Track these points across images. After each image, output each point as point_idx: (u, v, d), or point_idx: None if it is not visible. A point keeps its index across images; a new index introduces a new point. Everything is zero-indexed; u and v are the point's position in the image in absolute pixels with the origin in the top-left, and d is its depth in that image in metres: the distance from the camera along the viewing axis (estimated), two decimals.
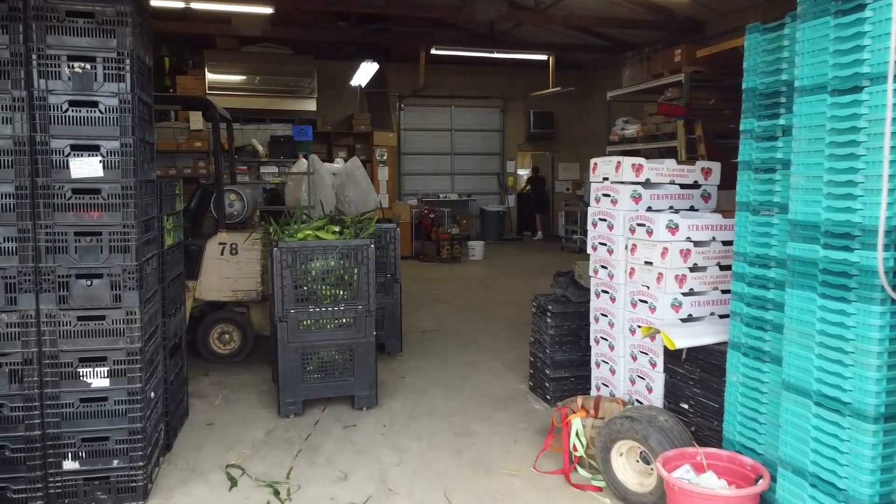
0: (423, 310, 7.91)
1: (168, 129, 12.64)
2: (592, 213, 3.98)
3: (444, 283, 9.96)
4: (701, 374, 3.23)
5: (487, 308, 8.00)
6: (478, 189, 16.72)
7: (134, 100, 3.08)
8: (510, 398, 4.77)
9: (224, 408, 4.59)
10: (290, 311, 4.28)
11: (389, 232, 5.76)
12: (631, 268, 3.65)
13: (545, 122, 16.69)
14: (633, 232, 3.60)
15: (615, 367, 3.86)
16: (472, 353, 5.97)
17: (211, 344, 5.64)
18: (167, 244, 3.81)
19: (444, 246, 12.13)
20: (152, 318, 3.43)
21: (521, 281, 10.01)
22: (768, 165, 2.76)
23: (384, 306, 5.82)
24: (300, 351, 4.33)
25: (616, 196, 3.73)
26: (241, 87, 13.23)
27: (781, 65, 2.69)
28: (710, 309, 3.54)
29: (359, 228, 4.74)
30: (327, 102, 15.18)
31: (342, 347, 4.41)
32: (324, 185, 9.72)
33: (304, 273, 4.30)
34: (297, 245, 4.27)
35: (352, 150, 14.96)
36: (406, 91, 15.41)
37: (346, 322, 4.40)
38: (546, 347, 4.56)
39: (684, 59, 11.33)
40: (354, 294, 4.38)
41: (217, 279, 5.52)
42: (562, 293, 4.73)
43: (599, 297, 3.99)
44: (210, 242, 5.49)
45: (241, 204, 5.62)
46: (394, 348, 5.90)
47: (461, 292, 9.10)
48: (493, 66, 16.14)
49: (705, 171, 3.87)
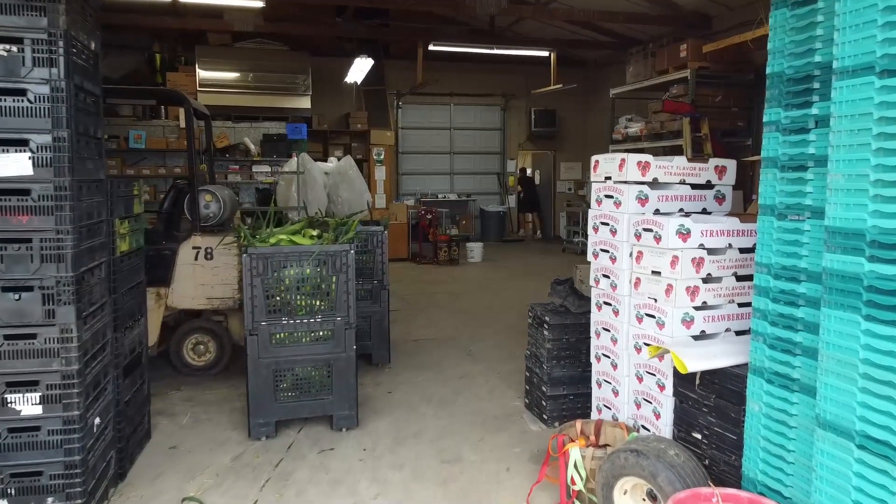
0: (418, 315, 7.52)
1: (158, 128, 12.28)
2: (593, 216, 3.59)
3: (441, 286, 9.58)
4: (716, 401, 2.84)
5: (485, 314, 7.61)
6: (478, 189, 16.33)
7: (69, 87, 2.70)
8: (505, 417, 4.38)
9: (192, 428, 4.21)
10: (262, 323, 3.90)
11: (376, 235, 5.37)
12: (636, 278, 3.26)
13: (547, 121, 16.28)
14: (638, 238, 3.21)
15: (618, 387, 3.47)
16: (466, 365, 5.58)
17: (185, 355, 5.26)
18: (120, 251, 3.43)
19: (442, 248, 11.75)
20: (97, 335, 3.05)
21: (521, 284, 9.61)
22: (798, 162, 2.36)
23: (371, 315, 5.44)
24: (273, 367, 3.94)
25: (620, 197, 3.34)
26: (233, 84, 12.87)
27: (814, 44, 2.30)
28: (725, 325, 3.14)
29: (339, 232, 4.36)
30: (323, 100, 14.82)
31: (319, 363, 4.02)
32: (315, 185, 9.35)
33: (276, 282, 3.91)
34: (268, 251, 3.89)
35: (348, 148, 14.61)
36: (404, 89, 15.03)
37: (324, 335, 4.02)
38: (543, 362, 4.17)
39: (690, 55, 10.93)
40: (332, 305, 4.00)
41: (191, 286, 5.14)
42: (560, 303, 4.34)
43: (601, 310, 3.60)
44: (183, 246, 5.12)
45: (218, 205, 5.24)
46: (382, 359, 5.51)
47: (458, 296, 8.71)
48: (494, 63, 15.75)
49: (719, 170, 3.47)
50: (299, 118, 13.35)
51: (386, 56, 15.23)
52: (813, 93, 2.31)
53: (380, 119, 14.78)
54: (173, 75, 12.57)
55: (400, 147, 15.58)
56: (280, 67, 13.12)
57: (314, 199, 9.34)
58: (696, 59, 10.85)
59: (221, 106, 12.74)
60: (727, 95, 11.25)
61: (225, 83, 12.78)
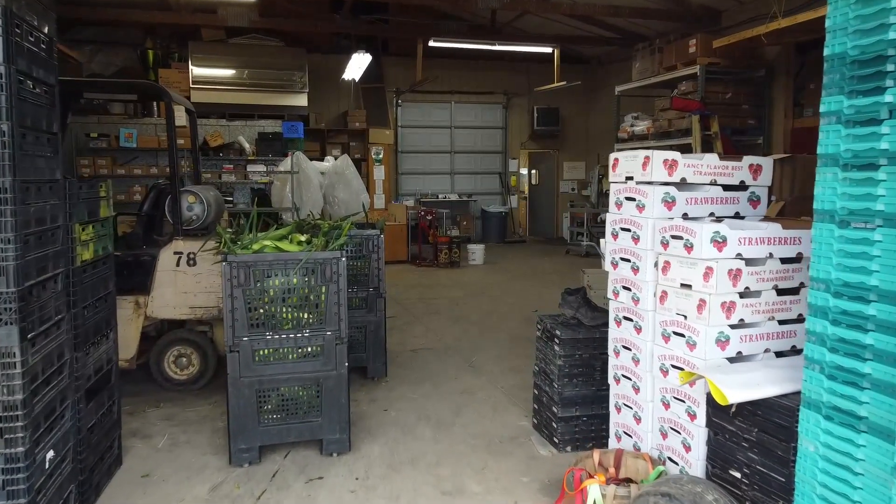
0: (416, 322, 7.15)
1: (150, 126, 11.92)
2: (612, 220, 3.21)
3: (441, 290, 9.20)
4: (759, 435, 2.47)
5: (488, 321, 7.24)
6: (479, 189, 15.96)
7: (9, 74, 2.33)
8: (511, 439, 4.00)
9: (168, 452, 3.84)
10: (243, 338, 3.53)
11: (371, 239, 4.99)
12: (662, 291, 2.89)
13: (550, 119, 15.91)
14: (665, 246, 2.83)
15: (641, 413, 3.10)
16: (468, 378, 5.21)
17: (166, 369, 4.89)
18: (82, 259, 3.06)
19: (442, 250, 11.38)
20: (50, 357, 2.68)
21: (524, 289, 9.24)
22: (866, 160, 1.99)
23: (366, 325, 5.07)
24: (256, 387, 3.57)
25: (643, 200, 2.96)
26: (228, 81, 12.50)
27: (887, 18, 1.92)
28: (763, 345, 2.77)
29: (330, 236, 3.98)
30: (321, 98, 14.47)
31: (307, 382, 3.65)
32: (310, 185, 8.98)
33: (260, 293, 3.54)
34: (251, 259, 3.51)
35: (346, 147, 14.26)
36: (404, 86, 14.67)
37: (312, 351, 3.64)
38: (553, 381, 3.80)
39: (700, 51, 10.55)
40: (322, 318, 3.62)
41: (172, 294, 4.77)
42: (572, 315, 3.96)
43: (621, 326, 3.23)
44: (164, 252, 4.75)
45: (202, 207, 4.87)
46: (378, 373, 5.14)
47: (459, 302, 8.34)
48: (495, 61, 15.39)
49: (754, 170, 3.10)
50: (296, 116, 12.99)
51: (385, 53, 14.87)
52: (886, 76, 1.93)
53: (379, 117, 14.42)
54: (165, 72, 12.20)
55: (399, 146, 15.22)
56: (276, 64, 12.75)
57: (309, 200, 8.98)
58: (705, 55, 10.47)
59: (215, 104, 12.39)
60: (737, 92, 10.89)
61: (219, 80, 12.41)
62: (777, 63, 10.83)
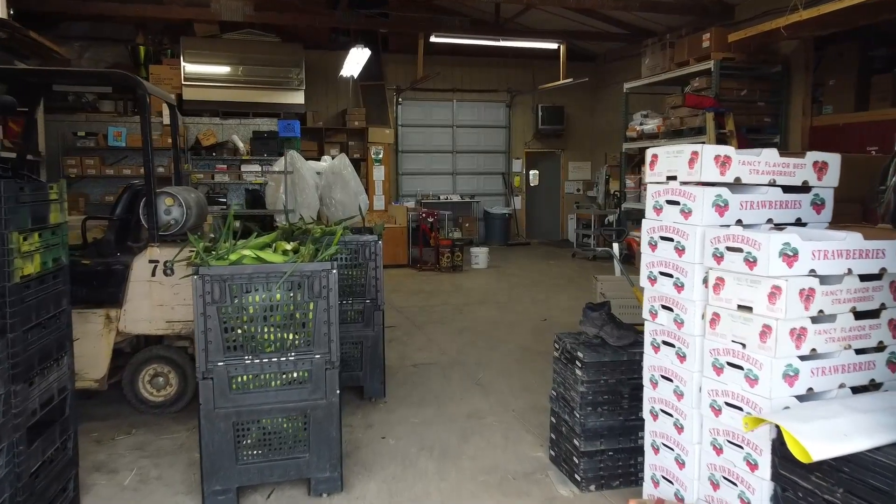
0: (418, 333, 6.67)
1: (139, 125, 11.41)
2: (650, 228, 2.73)
3: (443, 297, 8.73)
4: (847, 498, 1.99)
5: (494, 331, 6.76)
6: (481, 190, 15.49)
7: None
8: (525, 476, 3.53)
9: (135, 491, 3.36)
10: (218, 363, 3.05)
11: (368, 246, 4.51)
12: (714, 313, 2.41)
13: (555, 118, 15.44)
14: (719, 259, 2.35)
15: (684, 457, 2.62)
16: (475, 398, 4.73)
17: (140, 389, 4.42)
18: (23, 274, 2.59)
19: (444, 253, 10.90)
20: None
21: (530, 295, 8.77)
22: None
23: (363, 340, 4.60)
24: (233, 419, 3.10)
25: (690, 204, 2.49)
26: (221, 78, 12.04)
27: None
28: (838, 379, 2.30)
29: (321, 244, 3.51)
30: (318, 96, 14.02)
31: (293, 413, 3.18)
32: (305, 186, 8.50)
33: (238, 310, 3.07)
34: (227, 271, 3.04)
35: (345, 147, 13.80)
36: (404, 84, 14.20)
37: (299, 377, 3.17)
38: (574, 409, 3.32)
39: (714, 45, 10.06)
40: (310, 338, 3.15)
41: (147, 307, 4.30)
42: (595, 333, 3.49)
43: (659, 352, 2.75)
44: (138, 260, 4.28)
45: (181, 210, 4.40)
46: (375, 393, 4.67)
47: (463, 309, 7.86)
48: (499, 57, 14.93)
49: (819, 168, 2.62)
50: (292, 114, 12.51)
51: (385, 50, 14.41)
52: None
53: (378, 116, 13.97)
54: (157, 68, 11.74)
55: (399, 146, 14.76)
56: (271, 60, 12.29)
57: (304, 202, 8.51)
58: (720, 50, 10.00)
59: (209, 101, 11.92)
60: (752, 89, 10.42)
61: (212, 77, 11.95)
62: (794, 58, 10.36)
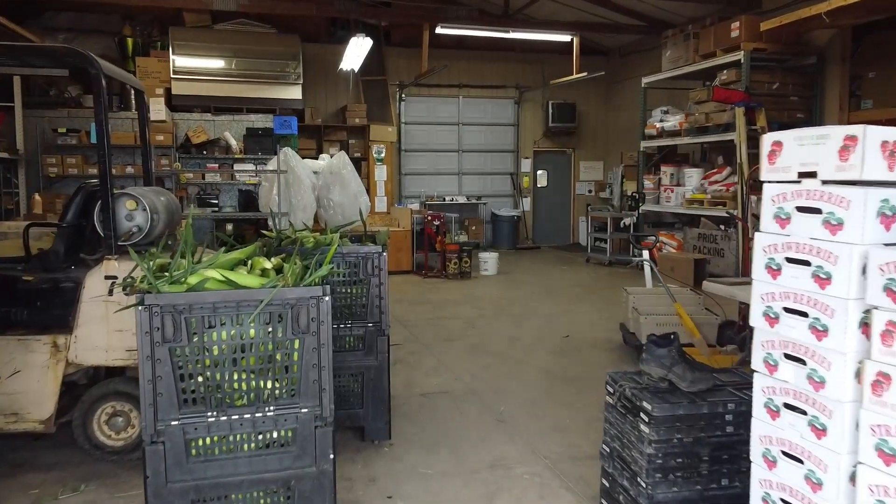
0: (426, 353, 5.91)
1: (126, 120, 10.70)
2: (767, 245, 1.97)
3: (452, 308, 7.97)
4: None
5: (512, 351, 6.00)
6: (489, 191, 14.73)
7: None
8: None
9: None
10: (172, 423, 2.30)
11: (371, 259, 3.74)
12: (880, 373, 1.65)
13: (566, 115, 14.67)
14: (894, 296, 1.59)
15: None
16: (498, 440, 3.97)
17: (96, 431, 3.65)
18: None
19: (451, 259, 10.13)
20: None
21: (547, 307, 8.00)
22: None
23: (363, 371, 3.83)
24: (191, 496, 2.34)
25: (841, 212, 1.72)
26: (213, 71, 11.30)
27: None
28: None
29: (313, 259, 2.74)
30: (317, 92, 13.28)
31: (272, 486, 2.41)
32: (301, 187, 7.74)
33: (198, 352, 2.31)
34: (183, 300, 2.28)
35: (345, 146, 13.06)
36: (408, 79, 13.45)
37: (280, 438, 2.41)
38: (639, 475, 2.56)
39: (744, 35, 9.29)
40: (294, 387, 2.39)
41: (103, 332, 3.55)
42: (662, 375, 2.72)
43: (779, 418, 1.98)
44: (91, 276, 3.52)
45: (144, 215, 3.64)
46: (378, 434, 3.90)
47: (474, 323, 7.10)
48: (507, 52, 14.19)
49: None
50: (289, 111, 11.78)
51: (387, 43, 13.67)
52: None
53: (380, 113, 13.21)
54: (144, 61, 11.00)
55: (403, 144, 14.00)
56: (267, 53, 11.55)
57: (300, 204, 7.75)
58: (750, 40, 9.23)
59: (199, 96, 11.17)
60: (785, 82, 9.64)
61: (203, 70, 11.20)
62: (829, 49, 9.58)
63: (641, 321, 5.38)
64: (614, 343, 6.17)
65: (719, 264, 9.76)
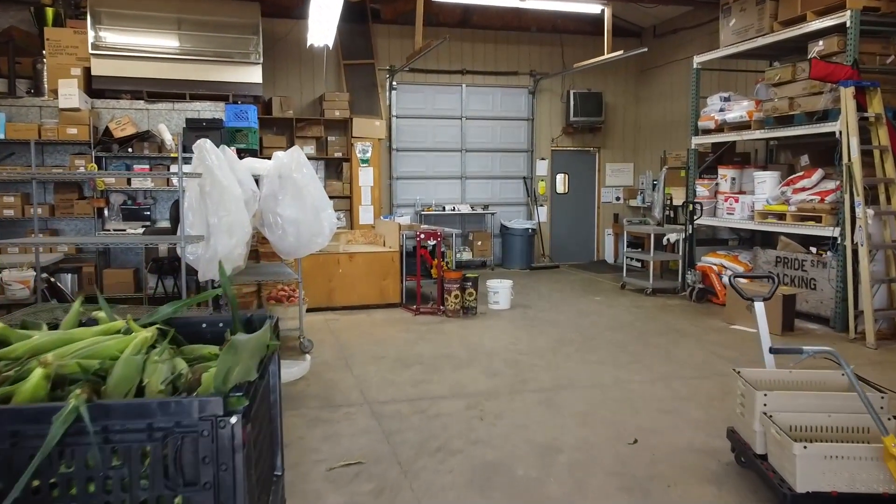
0: (402, 492, 3.42)
1: (30, 109, 8.27)
2: None
3: (450, 374, 5.49)
4: None
5: (547, 480, 3.52)
6: (498, 199, 12.27)
7: None
8: None
9: None
10: None
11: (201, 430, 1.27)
12: None
13: (591, 107, 12.21)
14: None
15: None
16: None
17: None
18: None
19: (451, 291, 7.67)
20: None
21: (589, 368, 5.51)
22: None
23: None
24: None
25: None
26: (146, 48, 8.86)
27: None
28: None
29: None
30: (290, 78, 10.90)
31: None
32: (228, 199, 5.27)
33: None
34: None
35: (322, 143, 10.70)
36: (400, 62, 11.04)
37: None
38: None
39: None
40: None
41: None
42: None
43: None
44: None
45: None
46: None
47: (484, 410, 4.62)
48: (521, 31, 11.77)
49: None
50: (247, 98, 9.36)
51: (375, 20, 11.26)
52: None
53: (367, 104, 10.82)
54: (55, 32, 8.59)
55: (394, 142, 11.57)
56: (218, 25, 9.13)
57: (224, 225, 5.24)
58: None
59: (128, 77, 8.71)
60: None
61: (133, 47, 8.77)
62: None
63: (795, 453, 2.91)
64: (717, 456, 3.70)
65: (809, 299, 7.29)
